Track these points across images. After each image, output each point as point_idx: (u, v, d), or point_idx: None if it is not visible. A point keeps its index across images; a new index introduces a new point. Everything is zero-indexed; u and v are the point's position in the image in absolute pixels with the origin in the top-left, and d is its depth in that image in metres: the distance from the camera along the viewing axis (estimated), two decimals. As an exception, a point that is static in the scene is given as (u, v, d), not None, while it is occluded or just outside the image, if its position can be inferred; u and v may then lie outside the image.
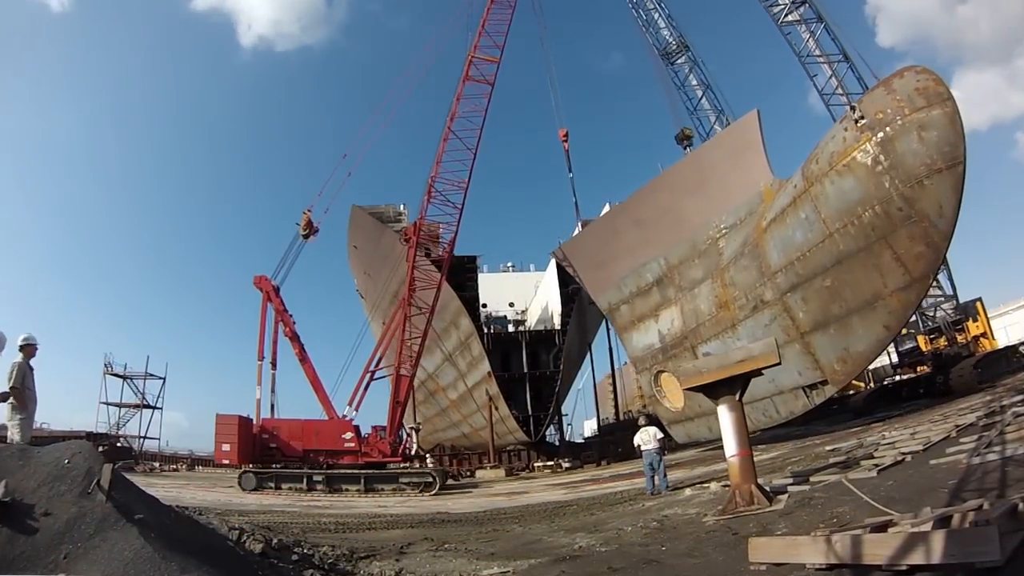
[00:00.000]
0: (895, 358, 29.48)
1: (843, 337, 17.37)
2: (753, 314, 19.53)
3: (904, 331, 27.27)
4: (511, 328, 42.41)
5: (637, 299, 24.12)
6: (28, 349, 7.12)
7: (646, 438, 12.58)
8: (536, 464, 33.27)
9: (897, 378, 29.14)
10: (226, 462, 21.84)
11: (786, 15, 24.26)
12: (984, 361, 22.13)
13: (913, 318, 26.42)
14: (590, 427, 57.49)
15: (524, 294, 46.29)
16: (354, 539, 8.85)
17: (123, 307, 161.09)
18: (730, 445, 7.85)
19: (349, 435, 22.95)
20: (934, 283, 25.68)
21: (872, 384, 32.99)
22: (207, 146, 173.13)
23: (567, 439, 44.30)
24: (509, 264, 51.74)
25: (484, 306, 41.50)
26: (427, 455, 35.19)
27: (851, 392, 30.67)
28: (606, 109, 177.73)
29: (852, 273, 16.69)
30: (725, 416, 7.91)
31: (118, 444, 39.85)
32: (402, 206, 42.13)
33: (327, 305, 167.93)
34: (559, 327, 39.56)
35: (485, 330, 38.59)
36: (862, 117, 16.06)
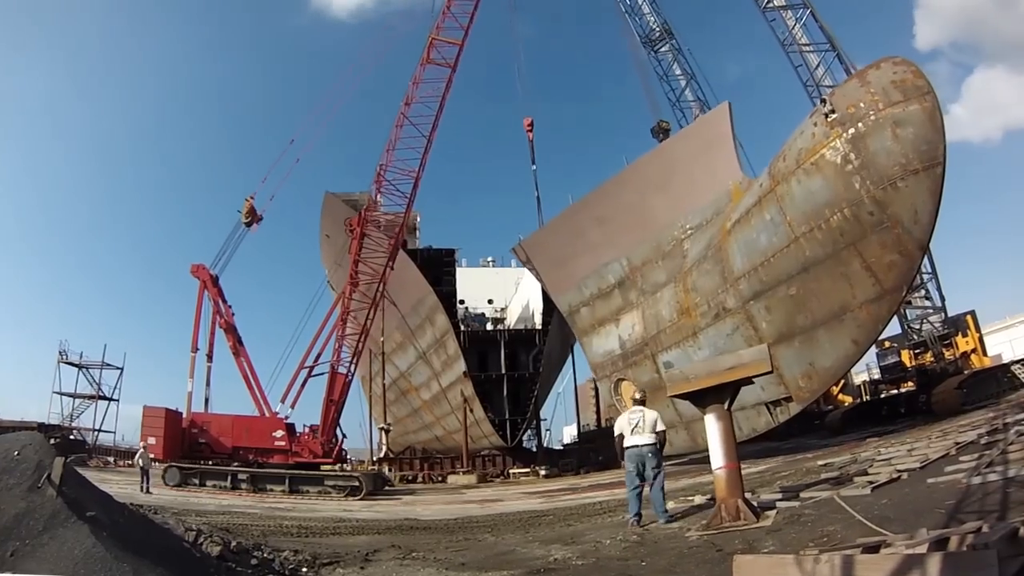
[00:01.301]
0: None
1: (808, 351, 16.03)
2: (715, 322, 18.13)
3: (888, 343, 25.77)
4: (489, 326, 40.82)
5: (598, 301, 22.72)
6: None
7: None
8: (512, 470, 32.06)
9: (881, 395, 27.59)
10: (151, 456, 20.91)
11: (769, 1, 22.64)
12: (971, 381, 20.53)
13: (898, 330, 24.89)
14: (569, 433, 56.22)
15: (504, 291, 44.75)
16: (317, 544, 8.55)
17: (81, 290, 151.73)
18: (717, 457, 7.45)
19: (280, 433, 22.19)
20: (923, 294, 24.13)
21: (867, 399, 31.47)
22: (188, 115, 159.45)
23: (545, 445, 42.81)
24: (490, 259, 49.88)
25: (462, 302, 40.17)
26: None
27: (847, 406, 29.25)
28: (611, 96, 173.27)
29: (819, 282, 15.34)
30: (712, 426, 7.54)
31: (71, 437, 38.94)
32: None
33: (301, 296, 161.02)
34: (540, 327, 38.03)
35: (462, 328, 37.20)
36: (832, 111, 14.64)
